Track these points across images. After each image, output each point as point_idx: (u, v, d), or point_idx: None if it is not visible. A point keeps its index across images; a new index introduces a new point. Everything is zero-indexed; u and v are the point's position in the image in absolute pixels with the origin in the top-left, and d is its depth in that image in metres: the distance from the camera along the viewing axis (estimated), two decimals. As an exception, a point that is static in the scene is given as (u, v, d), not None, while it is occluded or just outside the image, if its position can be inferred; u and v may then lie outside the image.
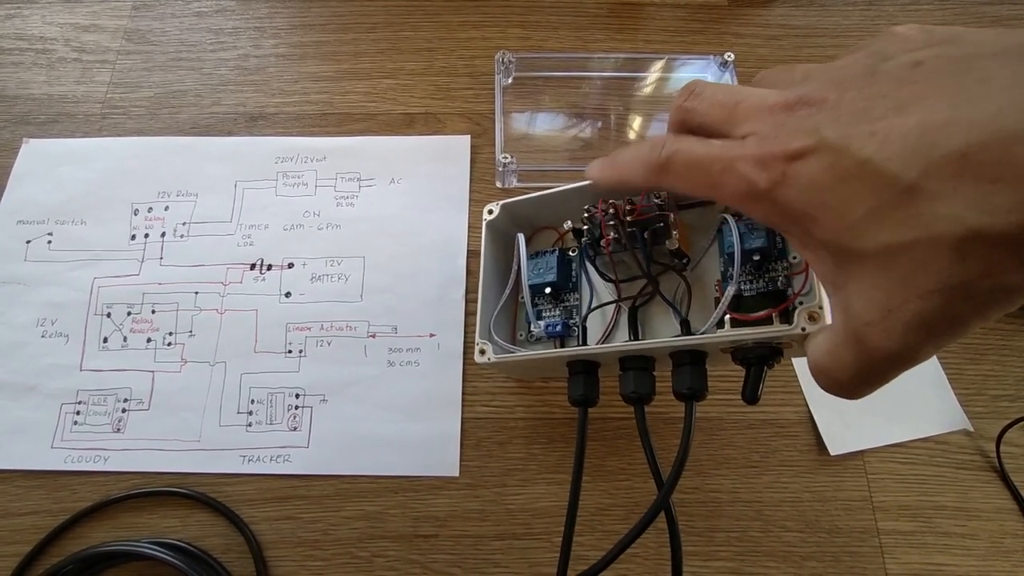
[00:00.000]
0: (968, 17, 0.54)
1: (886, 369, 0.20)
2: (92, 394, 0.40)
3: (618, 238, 0.33)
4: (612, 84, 0.51)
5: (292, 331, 0.42)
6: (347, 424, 0.39)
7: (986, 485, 0.38)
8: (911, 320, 0.18)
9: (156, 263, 0.44)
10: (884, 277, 0.18)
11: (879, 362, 0.20)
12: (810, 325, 0.27)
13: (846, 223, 0.19)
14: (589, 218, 0.34)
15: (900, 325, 0.18)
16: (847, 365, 0.21)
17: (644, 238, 0.32)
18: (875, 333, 0.19)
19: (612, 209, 0.33)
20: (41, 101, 0.49)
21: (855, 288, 0.19)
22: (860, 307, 0.19)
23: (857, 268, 0.19)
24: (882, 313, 0.19)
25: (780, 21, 0.53)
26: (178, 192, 0.46)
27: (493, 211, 0.38)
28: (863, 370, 0.20)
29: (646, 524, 0.29)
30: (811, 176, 0.19)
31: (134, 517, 0.38)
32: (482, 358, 0.34)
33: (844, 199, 0.19)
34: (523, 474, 0.38)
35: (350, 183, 0.46)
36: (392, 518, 0.37)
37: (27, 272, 0.43)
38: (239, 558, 0.36)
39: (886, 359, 0.19)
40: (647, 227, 0.33)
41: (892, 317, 0.18)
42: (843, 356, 0.20)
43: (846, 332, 0.20)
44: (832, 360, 0.21)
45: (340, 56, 0.51)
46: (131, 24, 0.53)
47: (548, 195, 0.37)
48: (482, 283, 0.36)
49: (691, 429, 0.29)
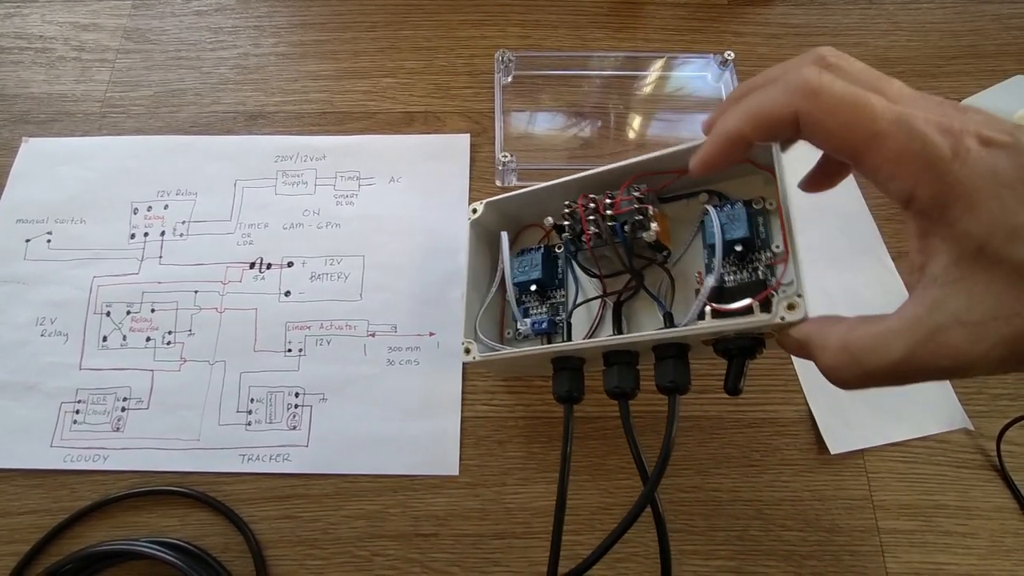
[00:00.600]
0: (968, 16, 0.53)
1: (933, 373, 0.20)
2: (91, 393, 0.40)
3: (599, 233, 0.33)
4: (612, 83, 0.51)
5: (292, 330, 0.41)
6: (347, 423, 0.39)
7: (986, 484, 0.38)
8: (1008, 334, 0.18)
9: (155, 262, 0.44)
10: (1009, 288, 0.18)
11: (937, 361, 0.20)
12: (789, 314, 0.27)
13: (1008, 223, 0.18)
14: (570, 214, 0.34)
15: (994, 335, 0.19)
16: (890, 355, 0.20)
17: (624, 231, 0.32)
18: (962, 334, 0.19)
19: (592, 204, 0.33)
20: (41, 100, 0.49)
21: (966, 286, 0.19)
22: (961, 305, 0.19)
23: (983, 269, 0.19)
24: (984, 318, 0.19)
25: (780, 20, 0.53)
26: (178, 191, 0.46)
27: (477, 210, 0.38)
28: (906, 367, 0.20)
29: (631, 520, 0.29)
30: (998, 167, 0.19)
31: (133, 516, 0.37)
32: (467, 357, 0.34)
33: (1019, 201, 0.18)
34: (523, 473, 0.38)
35: (350, 182, 0.46)
36: (392, 517, 0.37)
37: (27, 271, 0.43)
38: (238, 557, 0.36)
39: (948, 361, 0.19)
40: (626, 220, 0.32)
41: (992, 325, 0.19)
42: (893, 346, 0.20)
43: (921, 325, 0.20)
44: (877, 344, 0.21)
45: (340, 55, 0.51)
46: (131, 23, 0.53)
47: (532, 192, 0.37)
48: (468, 282, 0.36)
49: (674, 423, 0.29)
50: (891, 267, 0.44)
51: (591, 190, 0.34)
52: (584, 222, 0.33)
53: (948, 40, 0.52)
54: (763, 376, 0.40)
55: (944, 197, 0.20)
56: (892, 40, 0.53)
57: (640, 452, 0.30)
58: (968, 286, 0.19)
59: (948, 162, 0.19)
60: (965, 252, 0.19)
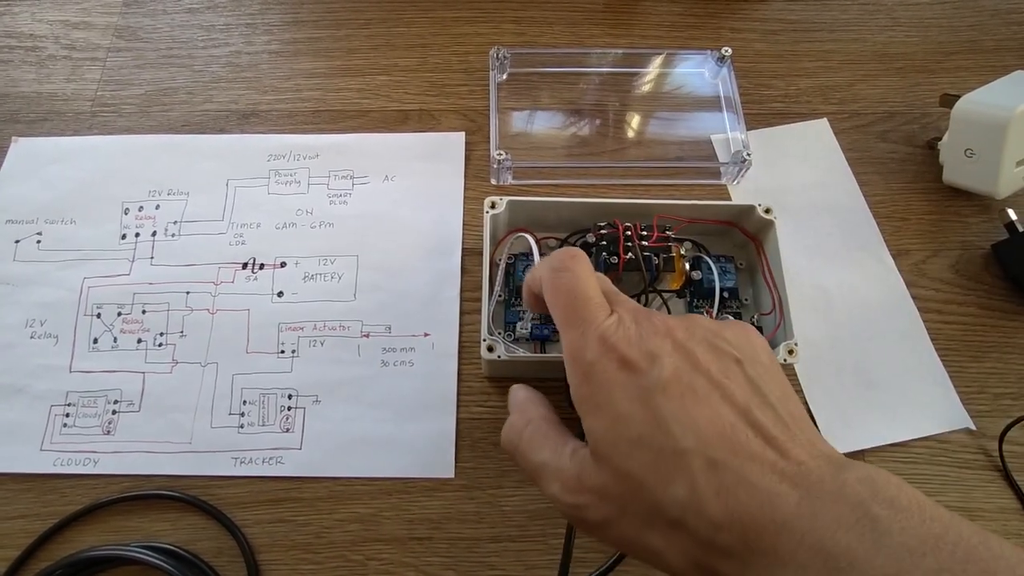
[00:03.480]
0: (968, 11, 0.53)
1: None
2: (82, 396, 0.39)
3: (632, 259, 0.38)
4: (608, 80, 0.50)
5: (285, 331, 0.41)
6: (340, 425, 0.39)
7: (988, 484, 0.37)
8: (606, 511, 0.24)
9: (147, 263, 0.43)
10: (611, 478, 0.24)
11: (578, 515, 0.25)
12: (790, 358, 0.34)
13: (611, 436, 0.24)
14: (607, 235, 0.38)
15: (605, 505, 0.24)
16: (550, 488, 0.26)
17: (655, 265, 0.38)
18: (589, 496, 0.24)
19: (628, 231, 0.38)
20: (30, 99, 0.49)
21: (591, 460, 0.24)
22: (589, 471, 0.24)
23: (600, 458, 0.24)
24: (595, 488, 0.24)
25: (778, 15, 0.53)
26: (169, 191, 0.45)
27: (497, 205, 0.39)
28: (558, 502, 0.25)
29: None
30: (623, 385, 0.24)
31: (124, 520, 0.37)
32: (491, 355, 0.34)
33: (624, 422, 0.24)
34: (519, 475, 0.38)
35: (343, 181, 0.46)
36: (386, 520, 0.37)
37: (16, 272, 0.43)
38: (231, 562, 0.36)
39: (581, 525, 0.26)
40: (660, 254, 0.38)
41: (599, 495, 0.24)
42: (550, 483, 0.26)
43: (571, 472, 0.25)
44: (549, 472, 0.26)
45: (333, 53, 0.51)
46: (121, 21, 0.52)
47: (551, 202, 0.40)
48: (486, 278, 0.37)
49: None
50: (890, 264, 0.43)
51: (607, 217, 0.39)
52: (622, 246, 0.37)
53: (947, 35, 0.52)
54: (762, 376, 0.40)
55: (578, 401, 0.25)
56: (891, 35, 0.52)
57: None
58: (593, 462, 0.24)
59: (582, 379, 0.25)
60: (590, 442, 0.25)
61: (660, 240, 0.38)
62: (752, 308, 0.40)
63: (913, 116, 0.49)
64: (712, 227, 0.41)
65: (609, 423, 0.23)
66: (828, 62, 0.51)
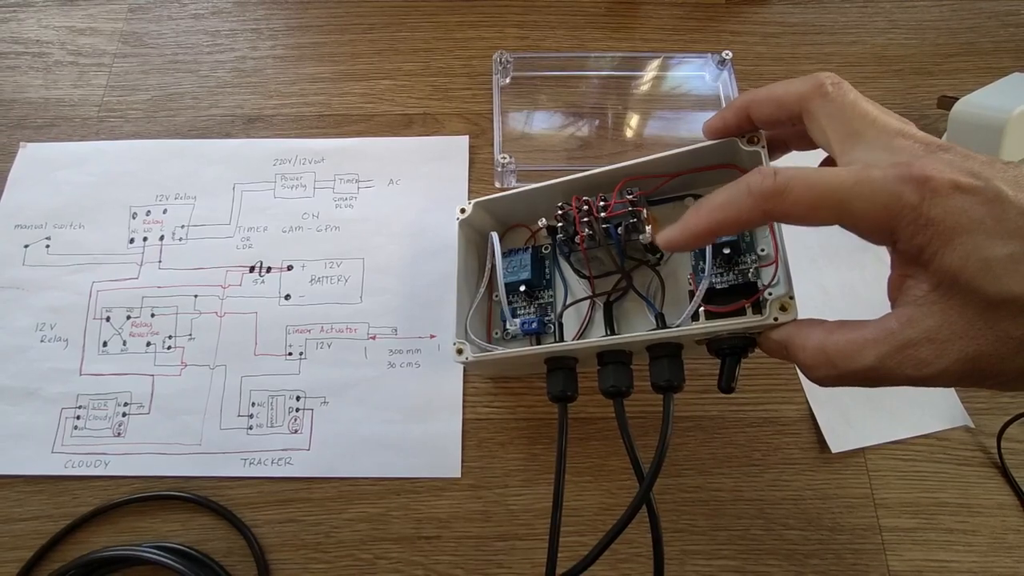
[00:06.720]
0: (966, 14, 0.53)
1: (899, 380, 0.22)
2: (92, 398, 0.40)
3: (592, 235, 0.34)
4: (610, 83, 0.51)
5: (292, 333, 0.41)
6: (348, 426, 0.39)
7: (987, 481, 0.38)
8: (971, 352, 0.21)
9: (155, 266, 0.44)
10: (979, 313, 0.21)
11: (904, 370, 0.22)
12: (782, 315, 0.28)
13: (982, 259, 0.20)
14: (563, 215, 0.35)
15: (957, 352, 0.21)
16: (863, 361, 0.23)
17: (618, 234, 0.33)
18: (929, 349, 0.21)
19: (586, 206, 0.34)
20: (38, 105, 0.49)
21: (940, 309, 0.21)
22: (933, 325, 0.21)
23: (957, 296, 0.21)
24: (951, 336, 0.21)
25: (778, 19, 0.53)
26: (176, 195, 0.46)
27: (466, 210, 0.38)
28: (876, 373, 0.23)
29: (628, 519, 0.29)
30: (967, 208, 0.21)
31: (135, 521, 0.37)
32: (460, 358, 0.34)
33: (992, 238, 0.20)
34: (525, 475, 0.38)
35: (349, 184, 0.46)
36: (394, 520, 0.37)
37: (25, 277, 0.43)
38: (241, 561, 0.36)
39: (913, 371, 0.22)
40: (620, 223, 0.33)
41: (958, 343, 0.21)
42: (867, 353, 0.23)
43: (894, 338, 0.22)
44: (851, 350, 0.23)
45: (337, 57, 0.51)
46: (127, 27, 0.52)
47: (520, 193, 0.37)
48: (457, 282, 0.36)
49: (669, 421, 0.30)
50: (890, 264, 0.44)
51: (581, 192, 0.35)
52: (578, 223, 0.34)
53: (945, 38, 0.53)
54: (764, 376, 0.40)
55: (919, 238, 0.22)
56: (889, 38, 0.53)
57: (635, 449, 0.30)
58: (942, 309, 0.21)
59: (916, 208, 0.21)
60: (942, 282, 0.21)
61: (618, 208, 0.33)
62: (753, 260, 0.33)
63: (911, 118, 0.47)
64: (719, 174, 0.34)
65: None
66: (827, 64, 0.51)
